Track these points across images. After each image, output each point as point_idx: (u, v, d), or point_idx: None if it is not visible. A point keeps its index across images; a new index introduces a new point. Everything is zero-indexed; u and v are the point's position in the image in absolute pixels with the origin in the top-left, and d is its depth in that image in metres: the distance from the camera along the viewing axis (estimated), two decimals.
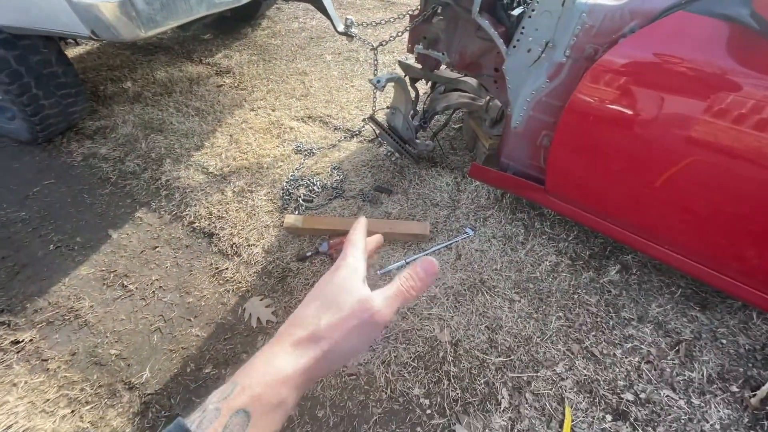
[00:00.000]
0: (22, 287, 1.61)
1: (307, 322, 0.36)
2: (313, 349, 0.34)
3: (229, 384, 0.32)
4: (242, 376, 0.32)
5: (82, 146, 2.15)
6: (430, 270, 0.39)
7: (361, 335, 0.36)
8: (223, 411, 0.29)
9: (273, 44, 3.08)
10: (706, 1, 0.96)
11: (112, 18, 1.38)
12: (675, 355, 1.44)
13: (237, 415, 0.29)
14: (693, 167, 1.07)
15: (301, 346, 0.34)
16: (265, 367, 0.33)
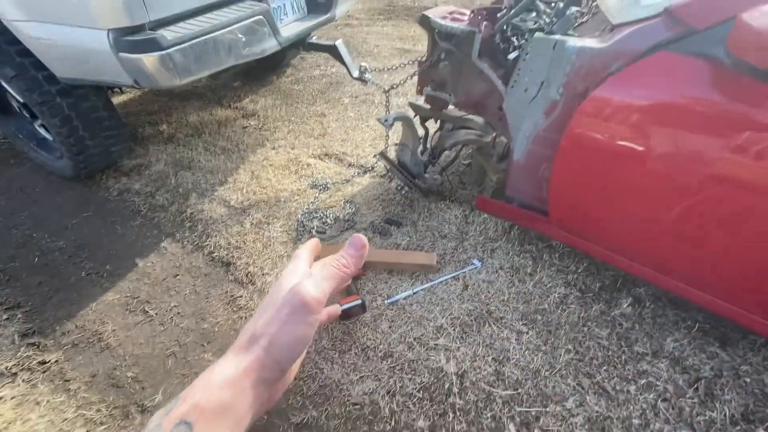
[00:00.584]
0: (53, 311, 1.73)
1: (246, 328, 0.37)
2: (253, 350, 0.34)
3: (173, 400, 0.31)
4: (186, 390, 0.32)
5: (118, 182, 2.35)
6: (358, 244, 0.41)
7: (296, 322, 0.36)
8: (164, 426, 0.28)
9: (296, 89, 3.33)
10: (684, 42, 1.03)
11: (153, 69, 1.57)
12: (694, 393, 1.38)
13: (177, 427, 0.28)
14: (679, 196, 1.09)
15: (242, 350, 0.35)
16: (207, 376, 0.32)
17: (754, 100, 0.92)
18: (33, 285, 1.83)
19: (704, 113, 1.01)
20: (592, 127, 1.20)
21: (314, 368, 1.49)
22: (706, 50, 0.99)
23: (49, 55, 1.74)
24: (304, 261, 0.44)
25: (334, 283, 0.38)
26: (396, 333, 1.57)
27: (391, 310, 1.65)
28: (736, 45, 0.89)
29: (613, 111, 1.14)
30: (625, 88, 1.11)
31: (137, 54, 1.52)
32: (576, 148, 1.26)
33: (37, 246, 2.02)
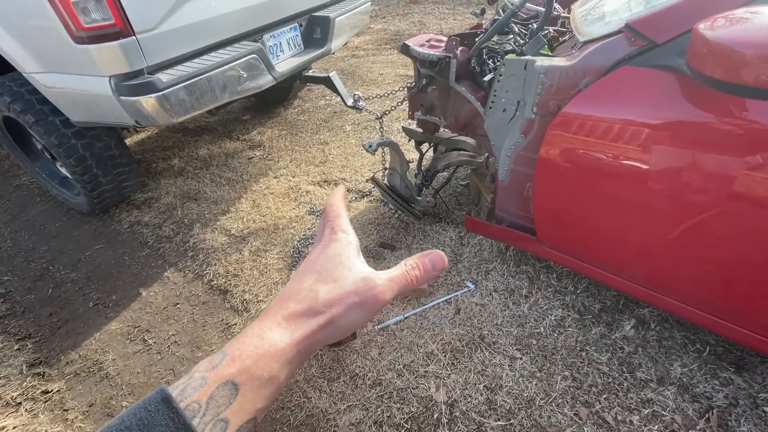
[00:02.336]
0: (60, 341, 1.80)
1: (302, 295, 0.33)
2: (308, 323, 0.32)
3: (218, 354, 0.29)
4: (232, 347, 0.30)
5: (130, 215, 2.48)
6: (438, 264, 0.37)
7: (361, 312, 0.34)
8: (209, 380, 0.27)
9: (301, 120, 3.45)
10: (647, 56, 1.02)
11: (151, 110, 1.69)
12: (705, 424, 1.27)
13: (224, 386, 0.27)
14: (653, 208, 1.05)
15: (295, 319, 0.32)
16: (256, 339, 0.30)
17: (714, 109, 0.89)
18: (44, 316, 1.93)
19: (668, 124, 0.98)
20: (564, 144, 1.18)
21: (302, 397, 1.47)
22: (668, 62, 0.97)
23: (63, 101, 1.90)
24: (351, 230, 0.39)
25: (400, 289, 0.36)
26: (385, 360, 1.54)
27: (382, 336, 1.62)
28: (694, 56, 0.87)
29: (582, 126, 1.12)
30: (592, 104, 1.10)
31: (136, 96, 1.64)
32: (551, 165, 1.24)
33: (52, 278, 2.13)
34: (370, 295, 0.34)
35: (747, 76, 0.79)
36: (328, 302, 0.33)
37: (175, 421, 0.24)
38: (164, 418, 0.24)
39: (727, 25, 0.85)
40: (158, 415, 0.24)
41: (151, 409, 0.25)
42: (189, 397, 0.26)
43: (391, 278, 0.35)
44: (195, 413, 0.25)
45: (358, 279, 0.34)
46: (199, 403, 0.26)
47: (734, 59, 0.79)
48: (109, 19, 1.53)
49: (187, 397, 0.26)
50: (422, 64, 1.70)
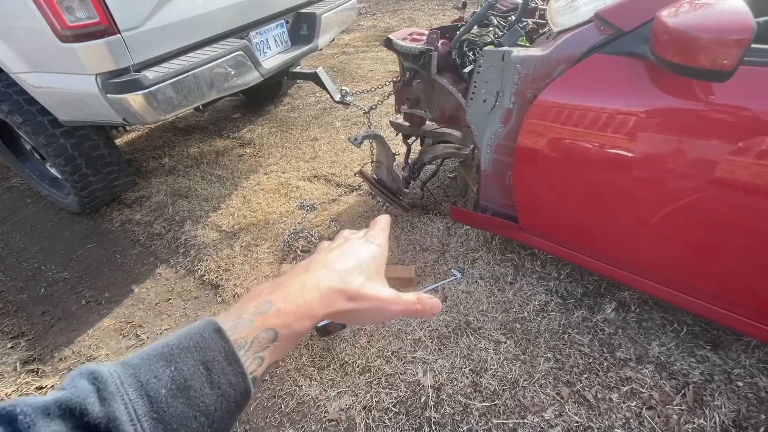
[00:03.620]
0: (54, 338, 1.82)
1: (346, 277, 0.38)
2: (343, 303, 0.36)
3: (266, 302, 0.33)
4: (278, 298, 0.34)
5: (121, 214, 2.49)
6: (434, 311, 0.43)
7: (376, 315, 0.40)
8: (256, 324, 0.31)
9: (291, 117, 3.47)
10: (616, 43, 1.05)
11: (138, 107, 1.70)
12: (681, 399, 1.31)
13: (267, 332, 0.31)
14: (629, 193, 1.09)
15: (335, 295, 0.36)
16: (300, 299, 0.34)
17: (676, 93, 0.93)
18: (37, 314, 1.94)
19: (637, 110, 1.02)
20: (540, 132, 1.22)
21: (293, 385, 1.50)
22: (635, 49, 1.00)
23: (50, 101, 1.91)
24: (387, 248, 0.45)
25: (401, 314, 0.42)
26: (374, 347, 1.58)
27: (370, 325, 1.66)
28: (657, 43, 0.91)
29: (556, 114, 1.16)
30: (566, 92, 1.14)
31: (122, 94, 1.66)
32: (529, 153, 1.28)
33: (44, 277, 2.15)
34: (391, 309, 0.40)
35: (703, 60, 0.83)
36: (363, 295, 0.38)
37: (225, 350, 0.29)
38: (217, 345, 0.29)
39: (687, 11, 0.89)
40: (212, 342, 0.29)
41: (206, 336, 0.29)
42: (238, 333, 0.30)
43: (404, 302, 0.41)
44: (241, 347, 0.30)
45: (389, 292, 0.40)
46: (245, 340, 0.30)
47: (691, 44, 0.82)
48: (93, 18, 1.54)
49: (236, 333, 0.30)
50: (405, 58, 1.73)
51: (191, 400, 0.26)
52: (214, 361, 0.28)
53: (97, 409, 0.24)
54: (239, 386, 0.29)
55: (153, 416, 0.25)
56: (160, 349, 0.28)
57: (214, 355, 0.28)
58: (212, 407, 0.27)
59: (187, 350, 0.28)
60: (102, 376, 0.25)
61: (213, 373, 0.28)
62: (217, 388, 0.28)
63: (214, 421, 0.27)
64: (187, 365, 0.27)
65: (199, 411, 0.26)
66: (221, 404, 0.28)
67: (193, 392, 0.27)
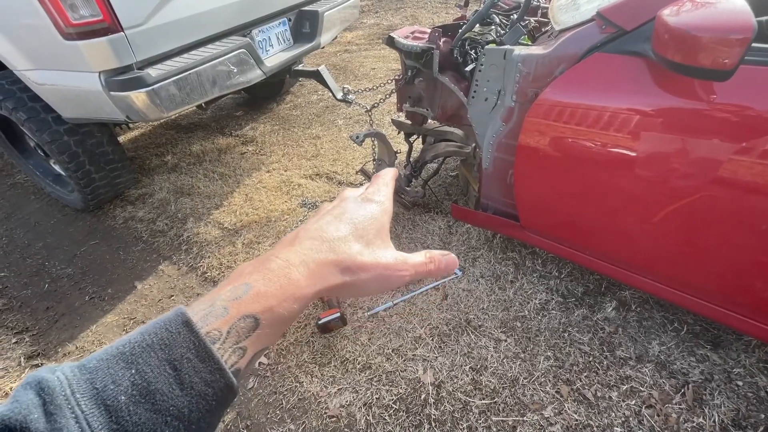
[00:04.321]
0: (57, 333, 1.84)
1: (337, 246, 0.33)
2: (334, 277, 0.32)
3: (242, 285, 0.29)
4: (257, 279, 0.29)
5: (124, 211, 2.50)
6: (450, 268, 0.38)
7: (382, 285, 0.35)
8: (231, 312, 0.27)
9: (293, 115, 3.47)
10: (617, 42, 1.05)
11: (141, 104, 1.71)
12: (681, 398, 1.32)
13: (246, 319, 0.27)
14: (629, 192, 1.09)
15: (325, 268, 0.32)
16: (283, 279, 0.30)
17: (677, 92, 0.93)
18: (41, 310, 1.96)
19: (638, 109, 1.02)
20: (541, 130, 1.22)
21: (294, 381, 1.51)
22: (636, 48, 1.00)
23: (54, 98, 1.92)
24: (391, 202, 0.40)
25: (413, 278, 0.37)
26: (375, 345, 1.59)
27: (371, 322, 1.67)
28: (658, 42, 0.91)
29: (557, 113, 1.16)
30: (566, 90, 1.14)
31: (126, 92, 1.67)
32: (530, 151, 1.28)
33: (48, 274, 2.16)
34: (397, 275, 0.35)
35: (704, 59, 0.83)
36: (360, 265, 0.33)
37: (196, 345, 0.25)
38: (185, 341, 0.25)
39: (689, 10, 0.89)
40: (179, 337, 0.25)
41: (173, 330, 0.25)
42: (210, 324, 0.26)
43: (413, 264, 0.36)
44: (215, 340, 0.26)
45: (391, 256, 0.35)
46: (219, 331, 0.27)
47: (692, 43, 0.82)
48: (97, 15, 1.55)
49: (208, 324, 0.26)
50: (407, 56, 1.73)
51: (158, 405, 0.23)
52: (183, 359, 0.24)
53: (41, 426, 0.21)
54: (217, 383, 0.25)
55: (112, 428, 0.22)
56: (121, 348, 0.24)
57: (182, 353, 0.25)
58: (186, 410, 0.24)
59: (150, 348, 0.24)
60: (49, 386, 0.22)
61: (182, 372, 0.24)
62: (190, 388, 0.24)
63: (191, 422, 0.24)
64: (151, 366, 0.24)
65: (170, 416, 0.23)
66: (197, 405, 0.25)
67: (159, 396, 0.23)
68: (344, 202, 0.37)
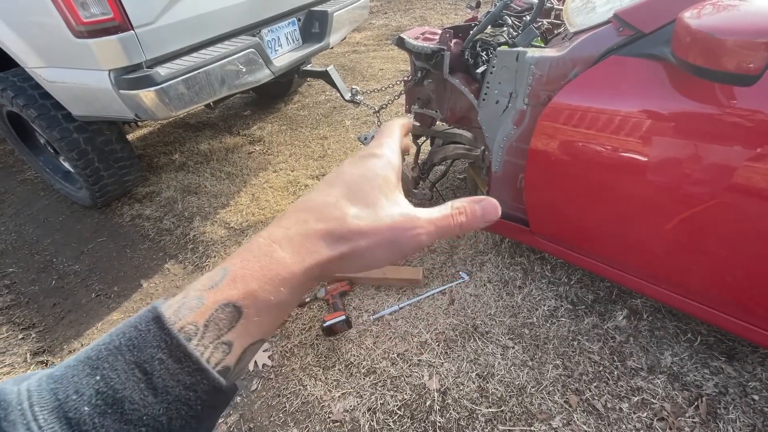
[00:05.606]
0: (63, 330, 1.84)
1: (326, 212, 0.28)
2: (327, 249, 0.27)
3: (218, 270, 0.25)
4: (234, 262, 0.25)
5: (131, 209, 2.51)
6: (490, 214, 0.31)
7: (390, 251, 0.29)
8: (207, 301, 0.24)
9: (301, 115, 3.47)
10: (635, 45, 1.02)
11: (149, 103, 1.71)
12: (694, 411, 1.28)
13: (224, 309, 0.24)
14: (646, 199, 1.06)
15: (313, 240, 0.27)
16: (264, 258, 0.25)
17: (698, 97, 0.90)
18: (48, 306, 1.97)
19: (655, 114, 0.99)
20: (554, 134, 1.19)
21: (298, 384, 1.50)
22: (655, 52, 0.97)
23: (64, 95, 1.93)
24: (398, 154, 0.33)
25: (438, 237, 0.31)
26: (380, 349, 1.57)
27: (377, 326, 1.65)
28: (678, 45, 0.88)
29: (571, 117, 1.13)
30: (581, 94, 1.11)
31: (135, 90, 1.67)
32: (542, 155, 1.25)
33: (56, 270, 2.17)
34: (409, 235, 0.28)
35: (728, 63, 0.80)
36: (356, 230, 0.27)
37: (168, 343, 0.22)
38: (155, 339, 0.22)
39: (711, 12, 0.86)
40: (149, 335, 0.22)
41: (142, 328, 0.22)
42: (184, 318, 0.23)
43: (432, 220, 0.29)
44: (191, 336, 0.23)
45: (398, 213, 0.29)
46: (195, 325, 0.23)
47: (715, 47, 0.80)
48: (107, 14, 1.55)
49: (182, 318, 0.23)
50: (417, 57, 1.71)
51: (128, 415, 0.20)
52: (154, 360, 0.21)
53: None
54: (200, 386, 0.22)
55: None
56: (89, 351, 0.22)
57: (152, 353, 0.22)
58: (164, 418, 0.21)
59: (117, 350, 0.21)
60: (6, 400, 0.20)
61: (154, 376, 0.21)
62: (165, 393, 0.21)
63: (172, 431, 0.22)
64: (117, 371, 0.21)
65: (143, 425, 0.21)
66: (178, 412, 0.22)
67: (129, 405, 0.21)
68: (341, 165, 0.32)
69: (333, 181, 0.30)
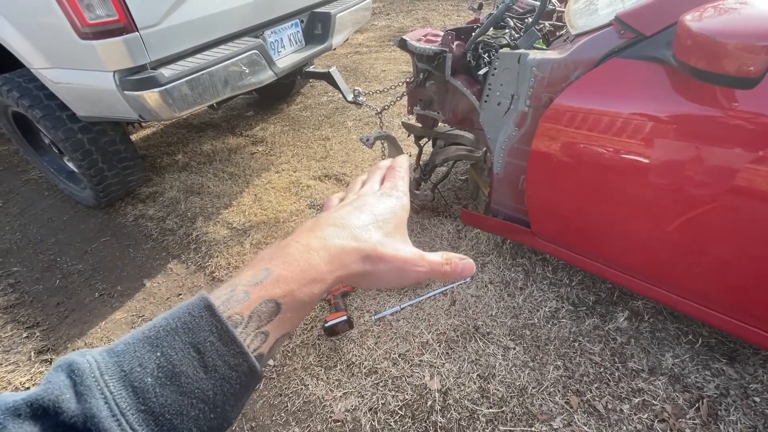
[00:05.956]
0: (67, 329, 1.86)
1: (359, 234, 0.33)
2: (357, 265, 0.32)
3: (262, 270, 0.29)
4: (277, 264, 0.29)
5: (135, 209, 2.53)
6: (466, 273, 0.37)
7: (398, 278, 0.35)
8: (252, 296, 0.27)
9: (303, 116, 3.48)
10: (636, 48, 1.03)
11: (153, 104, 1.72)
12: (695, 413, 1.28)
13: (267, 303, 0.28)
14: (646, 201, 1.06)
15: (345, 256, 0.32)
16: (304, 263, 0.30)
17: (699, 99, 0.90)
18: (52, 305, 1.98)
19: (657, 116, 0.99)
20: (555, 136, 1.20)
21: (300, 384, 1.51)
22: (656, 54, 0.98)
23: (69, 96, 1.95)
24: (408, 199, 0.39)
25: (428, 277, 0.37)
26: (381, 349, 1.57)
27: (378, 326, 1.65)
28: (679, 47, 0.88)
29: (572, 118, 1.14)
30: (582, 96, 1.11)
31: (139, 91, 1.68)
32: (543, 157, 1.26)
33: (60, 269, 2.19)
34: (414, 269, 0.35)
35: (729, 66, 0.80)
36: (381, 255, 0.33)
37: (218, 329, 0.25)
38: (208, 324, 0.25)
39: (712, 15, 0.87)
40: (202, 321, 0.25)
41: (195, 315, 0.25)
42: (232, 308, 0.27)
43: (430, 263, 0.36)
44: (237, 324, 0.26)
45: (410, 251, 0.35)
46: (242, 315, 0.27)
47: (716, 50, 0.80)
48: (112, 15, 1.57)
49: (230, 309, 0.27)
50: (419, 59, 1.71)
51: (183, 387, 0.24)
52: (206, 342, 0.25)
53: (72, 406, 0.21)
54: (241, 367, 0.26)
55: (140, 408, 0.22)
56: (147, 332, 0.25)
57: (205, 336, 0.25)
58: (210, 392, 0.25)
59: (174, 332, 0.25)
60: (80, 368, 0.23)
61: (206, 355, 0.25)
62: (213, 371, 0.25)
63: (216, 405, 0.25)
64: (175, 349, 0.24)
65: (195, 398, 0.24)
66: (222, 388, 0.25)
67: (185, 378, 0.24)
68: (363, 197, 0.38)
69: (362, 208, 0.36)
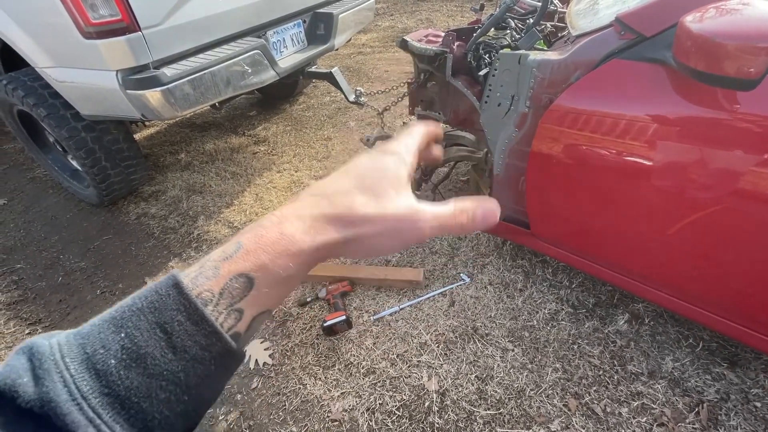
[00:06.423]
0: (69, 326, 1.85)
1: (337, 198, 0.30)
2: (337, 231, 0.29)
3: (233, 243, 0.27)
4: (248, 238, 0.27)
5: (137, 207, 2.54)
6: (489, 220, 0.33)
7: (394, 240, 0.31)
8: (222, 271, 0.26)
9: (306, 116, 3.49)
10: (636, 49, 1.02)
11: (156, 103, 1.73)
12: (695, 418, 1.27)
13: (238, 279, 0.26)
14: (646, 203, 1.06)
15: (322, 223, 0.29)
16: (275, 234, 0.27)
17: (699, 101, 0.90)
18: (54, 302, 2.00)
19: (657, 117, 0.98)
20: (555, 137, 1.19)
21: (298, 383, 1.51)
22: (656, 55, 0.97)
23: (73, 95, 1.96)
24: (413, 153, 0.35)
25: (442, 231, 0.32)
26: (380, 349, 1.57)
27: (377, 326, 1.65)
28: (680, 49, 0.88)
29: (572, 120, 1.13)
30: (582, 97, 1.11)
31: (141, 90, 1.69)
32: (543, 158, 1.25)
33: (62, 267, 2.21)
34: (412, 226, 0.30)
35: (729, 68, 0.80)
36: (362, 217, 0.29)
37: (186, 307, 0.24)
38: (175, 303, 0.24)
39: (712, 16, 0.86)
40: (169, 300, 0.24)
41: (162, 293, 0.24)
42: (201, 285, 0.25)
43: (435, 216, 0.31)
44: (207, 302, 0.25)
45: (404, 205, 0.30)
46: (212, 292, 0.25)
47: (716, 51, 0.79)
48: (116, 15, 1.58)
49: (199, 286, 0.25)
50: (421, 60, 1.72)
51: (150, 369, 0.23)
52: (174, 321, 0.24)
53: (30, 390, 0.21)
54: (214, 347, 0.25)
55: (103, 392, 0.22)
56: (113, 312, 0.24)
57: (172, 315, 0.24)
58: (182, 374, 0.23)
59: (140, 312, 0.24)
60: (40, 351, 0.22)
61: (174, 335, 0.23)
62: (183, 352, 0.24)
63: (189, 387, 0.24)
64: (140, 330, 0.23)
65: (164, 380, 0.23)
66: (195, 370, 0.24)
67: (151, 360, 0.23)
68: (357, 157, 0.34)
69: (347, 172, 0.32)
